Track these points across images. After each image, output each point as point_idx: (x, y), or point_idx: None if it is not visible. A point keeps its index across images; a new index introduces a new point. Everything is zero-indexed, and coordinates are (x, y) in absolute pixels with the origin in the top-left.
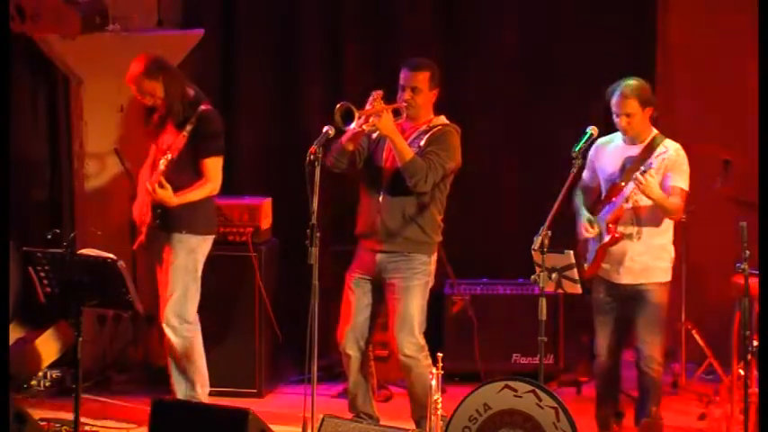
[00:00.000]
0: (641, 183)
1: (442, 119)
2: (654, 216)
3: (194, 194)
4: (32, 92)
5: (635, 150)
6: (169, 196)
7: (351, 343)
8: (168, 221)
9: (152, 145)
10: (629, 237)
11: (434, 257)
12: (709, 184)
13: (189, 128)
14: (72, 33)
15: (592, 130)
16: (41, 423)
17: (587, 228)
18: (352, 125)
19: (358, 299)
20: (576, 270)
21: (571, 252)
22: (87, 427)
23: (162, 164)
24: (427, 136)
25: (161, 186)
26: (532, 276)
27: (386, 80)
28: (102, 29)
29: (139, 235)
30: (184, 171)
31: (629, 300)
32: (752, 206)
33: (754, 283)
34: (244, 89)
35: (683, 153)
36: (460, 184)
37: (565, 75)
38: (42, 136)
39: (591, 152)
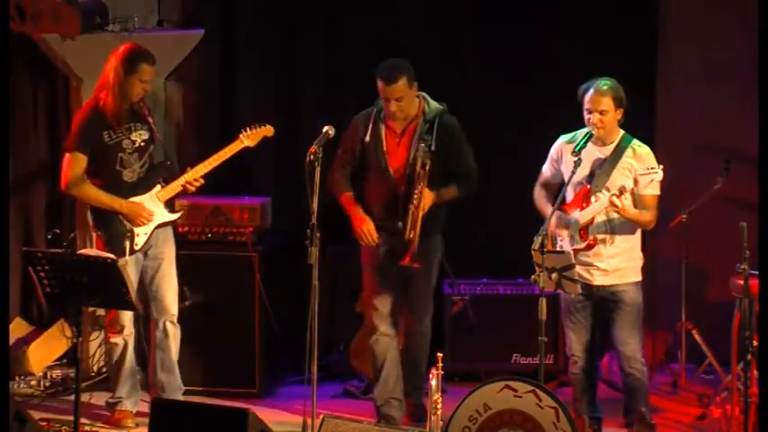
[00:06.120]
0: (617, 206)
1: (430, 101)
2: (627, 224)
3: None
4: (32, 92)
5: (603, 153)
6: None
7: (385, 326)
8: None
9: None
10: (602, 242)
11: None
12: (709, 184)
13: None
14: (72, 33)
15: (592, 129)
16: (41, 423)
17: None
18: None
19: (386, 284)
20: (575, 270)
21: (571, 252)
22: (87, 428)
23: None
24: (436, 131)
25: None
26: (532, 276)
27: None
28: (102, 29)
29: (136, 236)
30: None
31: (604, 301)
32: (752, 206)
33: (754, 283)
34: (243, 89)
35: (653, 159)
36: None
37: (565, 76)
38: (42, 136)
39: (555, 149)
